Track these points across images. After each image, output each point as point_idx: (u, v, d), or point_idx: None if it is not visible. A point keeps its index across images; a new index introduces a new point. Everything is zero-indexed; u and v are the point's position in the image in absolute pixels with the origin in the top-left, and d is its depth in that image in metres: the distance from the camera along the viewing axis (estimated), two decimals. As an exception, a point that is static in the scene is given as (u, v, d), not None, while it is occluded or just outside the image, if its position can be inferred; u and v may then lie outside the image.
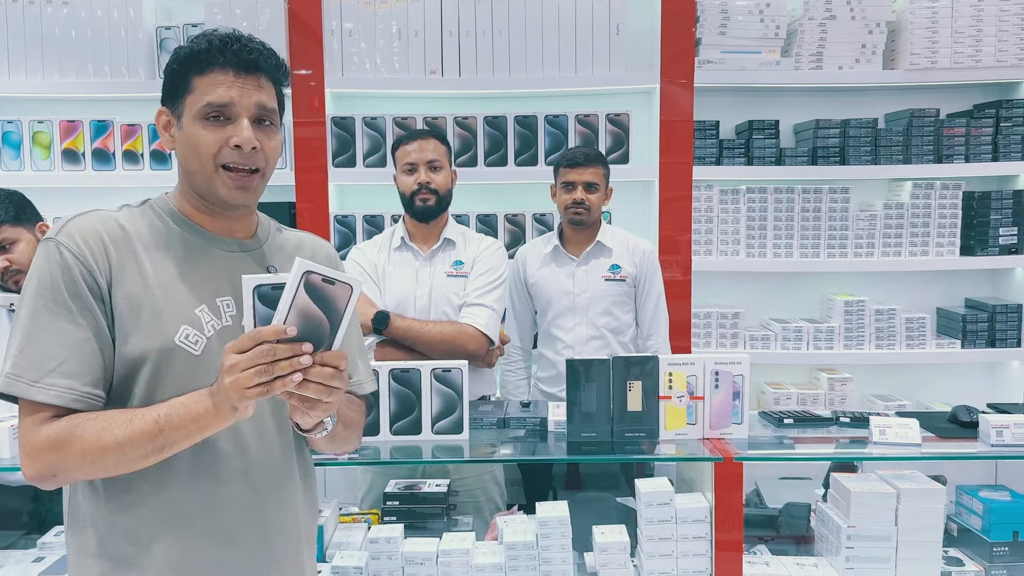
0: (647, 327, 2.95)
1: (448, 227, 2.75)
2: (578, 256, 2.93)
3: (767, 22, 3.35)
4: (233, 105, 1.33)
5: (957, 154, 3.41)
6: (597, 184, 2.86)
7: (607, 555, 2.08)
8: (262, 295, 1.19)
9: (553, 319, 2.94)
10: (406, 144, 2.68)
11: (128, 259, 1.32)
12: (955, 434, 2.26)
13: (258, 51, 1.36)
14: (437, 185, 2.64)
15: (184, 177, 1.40)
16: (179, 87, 1.36)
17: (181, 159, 1.39)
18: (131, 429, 1.23)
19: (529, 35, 3.32)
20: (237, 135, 1.33)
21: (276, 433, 1.42)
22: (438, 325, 2.57)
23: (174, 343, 1.31)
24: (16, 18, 3.36)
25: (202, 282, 1.36)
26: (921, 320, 3.46)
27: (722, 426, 2.17)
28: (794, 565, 2.14)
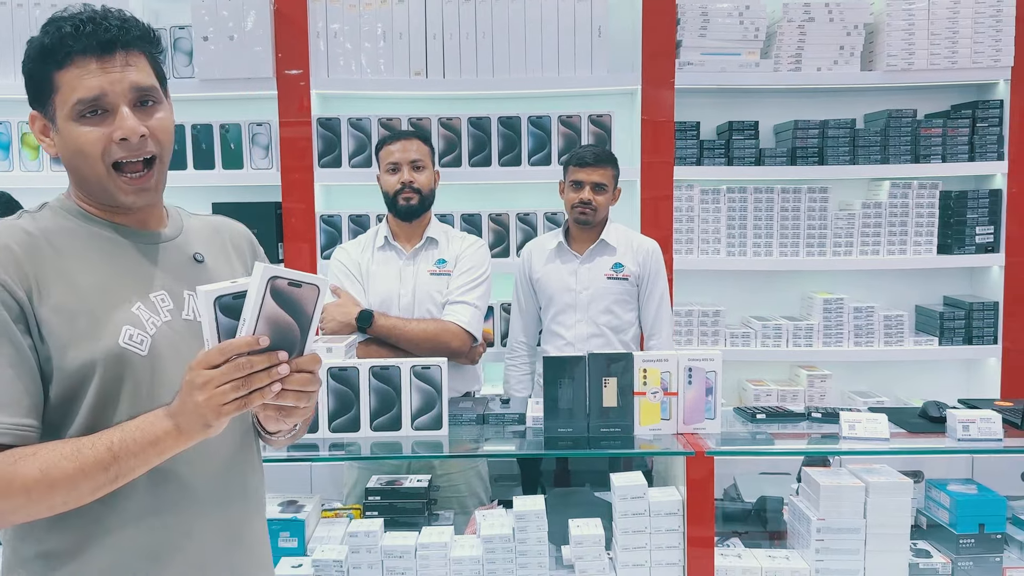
0: (650, 326, 2.97)
1: (431, 226, 2.79)
2: (582, 253, 2.96)
3: (747, 24, 3.40)
4: (106, 95, 1.20)
5: (934, 154, 3.46)
6: (605, 185, 2.89)
7: (583, 548, 2.13)
8: (223, 306, 1.13)
9: (555, 315, 2.98)
10: (390, 144, 2.72)
11: (47, 268, 1.20)
12: (925, 429, 2.31)
13: (116, 26, 1.21)
14: (420, 185, 2.69)
15: (77, 183, 1.28)
16: (42, 87, 1.23)
17: (68, 164, 1.26)
18: (80, 460, 1.13)
19: (512, 37, 3.37)
20: (120, 127, 1.21)
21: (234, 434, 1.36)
22: (421, 323, 2.61)
23: (119, 346, 1.22)
24: (4, 19, 3.39)
25: (131, 279, 1.27)
26: (899, 318, 3.51)
27: (695, 421, 2.22)
28: (765, 557, 2.19)
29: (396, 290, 2.70)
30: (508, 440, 2.28)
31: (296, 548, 2.16)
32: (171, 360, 1.26)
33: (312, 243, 3.41)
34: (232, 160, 3.43)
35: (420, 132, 2.81)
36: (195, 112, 3.44)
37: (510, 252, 3.46)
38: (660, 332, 2.96)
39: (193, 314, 1.31)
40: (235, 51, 3.32)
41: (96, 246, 1.27)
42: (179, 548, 1.29)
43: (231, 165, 3.43)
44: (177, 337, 1.28)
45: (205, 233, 1.43)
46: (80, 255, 1.25)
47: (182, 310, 1.30)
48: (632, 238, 3.00)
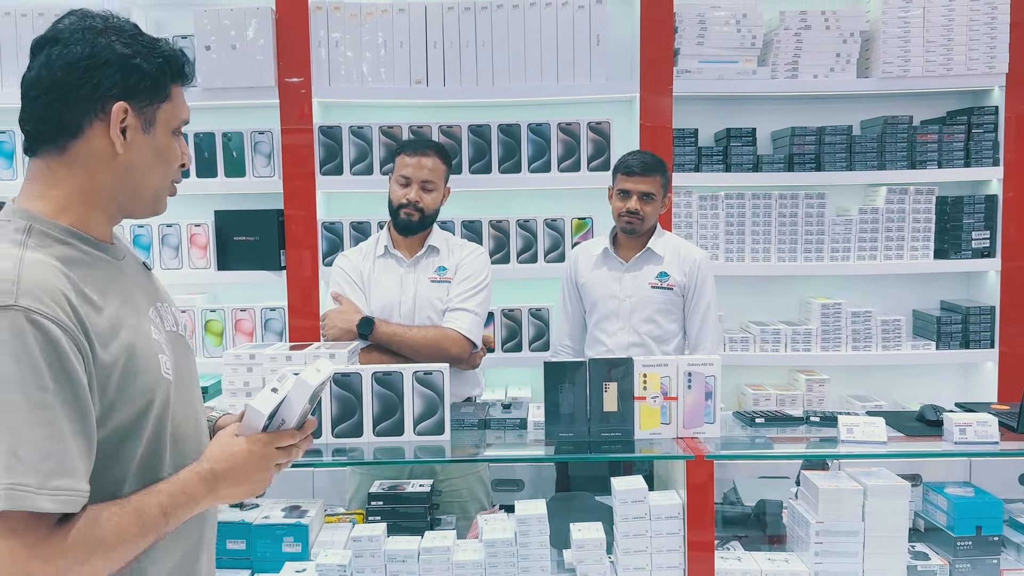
0: (694, 338, 2.92)
1: (432, 234, 2.81)
2: (627, 261, 2.94)
3: (744, 32, 3.43)
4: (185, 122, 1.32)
5: (930, 160, 3.49)
6: (653, 194, 2.86)
7: (584, 552, 2.15)
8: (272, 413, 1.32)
9: (598, 322, 2.97)
10: (407, 155, 2.72)
11: (86, 307, 1.12)
12: (922, 432, 2.33)
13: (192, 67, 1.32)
14: (425, 205, 2.70)
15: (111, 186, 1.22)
16: (157, 90, 1.23)
17: (137, 165, 1.22)
18: (143, 525, 1.15)
19: (512, 46, 3.40)
20: (185, 152, 1.32)
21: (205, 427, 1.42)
22: (422, 330, 2.64)
23: (162, 375, 1.22)
24: (8, 29, 3.42)
25: (133, 302, 1.24)
26: (897, 322, 3.54)
27: (695, 425, 2.24)
28: (765, 560, 2.20)
29: (397, 297, 2.72)
30: (509, 445, 2.30)
31: (300, 553, 2.18)
32: (182, 375, 1.30)
33: (314, 250, 3.43)
34: (234, 168, 3.46)
35: (440, 148, 2.76)
36: (197, 121, 3.42)
37: (510, 259, 3.49)
38: (703, 344, 2.89)
39: (172, 325, 1.34)
40: (237, 60, 3.35)
41: (100, 272, 1.20)
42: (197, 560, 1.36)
43: (233, 173, 3.46)
44: (174, 352, 1.29)
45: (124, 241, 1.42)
46: (97, 285, 1.17)
47: (165, 323, 1.31)
48: (681, 247, 2.96)
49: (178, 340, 1.33)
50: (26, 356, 1.03)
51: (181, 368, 1.29)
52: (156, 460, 1.23)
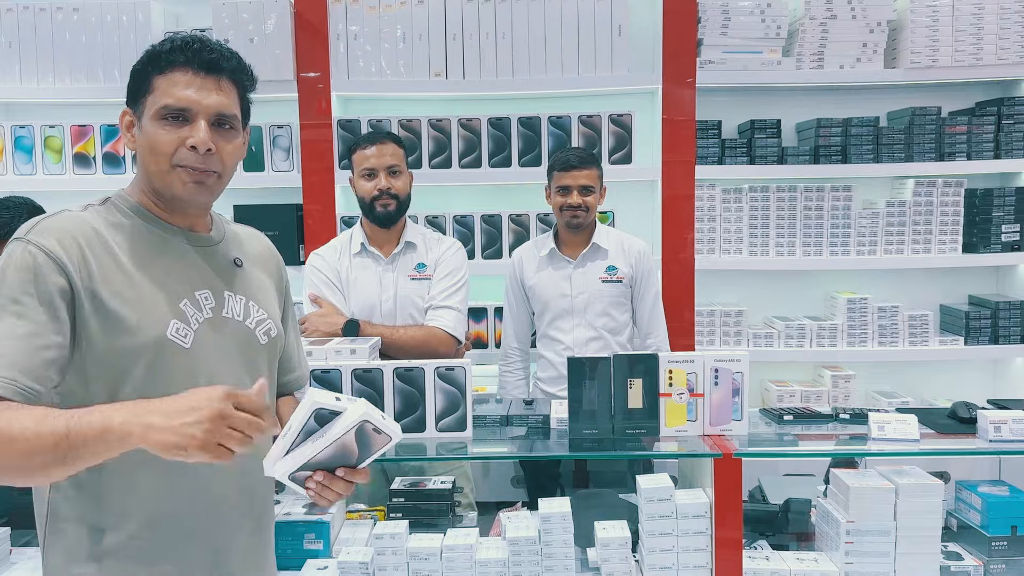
0: (645, 326, 2.97)
1: (407, 229, 2.76)
2: (575, 259, 2.95)
3: (768, 22, 3.37)
4: (191, 108, 1.34)
5: (959, 152, 3.43)
6: (592, 187, 2.86)
7: (609, 550, 2.11)
8: (318, 415, 1.25)
9: (551, 321, 2.97)
10: (364, 148, 2.68)
11: (106, 258, 1.32)
12: (954, 430, 2.28)
13: (219, 52, 1.36)
14: (397, 191, 2.66)
15: (143, 177, 1.40)
16: (141, 87, 1.37)
17: (141, 159, 1.39)
18: (39, 427, 1.12)
19: (532, 37, 3.36)
20: (193, 136, 1.33)
21: None
22: (408, 330, 2.60)
23: (166, 338, 1.32)
24: (28, 25, 3.42)
25: (180, 277, 1.38)
26: (924, 317, 3.47)
27: (722, 423, 2.20)
28: (794, 560, 2.16)
29: (378, 297, 2.68)
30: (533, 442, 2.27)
31: (321, 550, 2.16)
32: (210, 355, 1.38)
33: (333, 245, 3.40)
34: (253, 162, 3.44)
35: (393, 135, 2.75)
36: (216, 115, 3.44)
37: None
38: (656, 331, 2.96)
39: (231, 313, 1.44)
40: (255, 54, 3.33)
41: (150, 243, 1.38)
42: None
43: (252, 167, 3.44)
44: (217, 334, 1.40)
45: (242, 240, 1.56)
46: (136, 251, 1.36)
47: (222, 309, 1.43)
48: (623, 239, 2.99)
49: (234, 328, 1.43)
50: (12, 274, 1.25)
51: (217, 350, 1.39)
52: None
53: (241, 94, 1.42)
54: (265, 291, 1.54)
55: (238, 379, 1.39)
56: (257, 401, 1.15)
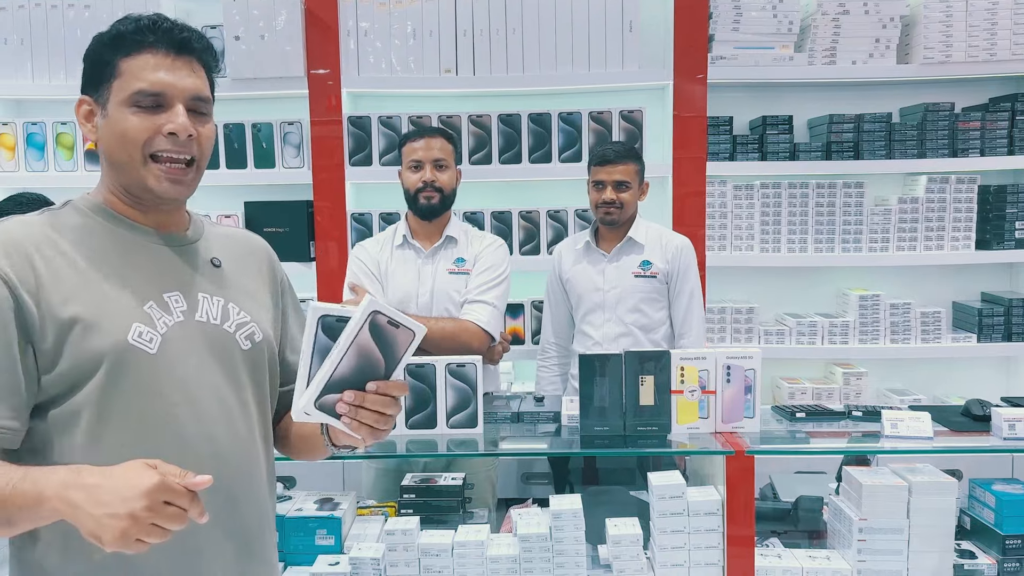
0: (679, 325, 2.89)
1: (450, 224, 2.77)
2: (609, 252, 2.91)
3: (780, 17, 3.36)
4: (166, 92, 1.24)
5: (972, 148, 3.40)
6: (628, 182, 2.82)
7: (620, 547, 2.11)
8: (325, 325, 1.17)
9: (584, 316, 2.94)
10: (413, 141, 2.70)
11: (59, 263, 1.23)
12: (968, 428, 2.26)
13: (189, 31, 1.28)
14: (442, 184, 2.67)
15: (109, 171, 1.31)
16: (103, 72, 1.26)
17: (106, 151, 1.28)
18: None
19: (543, 33, 3.35)
20: (172, 121, 1.24)
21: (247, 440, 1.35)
22: (440, 322, 2.59)
23: (127, 342, 1.22)
24: (39, 22, 3.42)
25: (146, 278, 1.28)
26: (936, 314, 3.45)
27: (734, 420, 2.19)
28: (806, 557, 2.15)
29: (415, 289, 2.68)
30: (543, 438, 2.27)
31: (333, 546, 2.16)
32: (180, 361, 1.27)
33: (343, 241, 3.41)
34: (264, 159, 3.44)
35: (444, 131, 2.77)
36: (227, 111, 3.44)
37: (540, 250, 3.44)
38: (690, 331, 2.87)
39: (206, 316, 1.32)
40: (266, 50, 3.33)
41: (113, 244, 1.29)
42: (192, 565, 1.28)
43: (263, 164, 3.44)
44: (188, 338, 1.29)
45: (225, 242, 1.43)
46: (95, 252, 1.27)
47: (195, 312, 1.31)
48: (662, 235, 2.94)
49: (209, 332, 1.31)
50: None
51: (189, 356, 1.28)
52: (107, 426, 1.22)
53: (209, 77, 1.32)
54: (250, 293, 1.41)
55: (215, 386, 1.30)
56: (188, 495, 1.06)
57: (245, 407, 1.35)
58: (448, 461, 2.57)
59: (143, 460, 1.09)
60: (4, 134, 3.47)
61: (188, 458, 1.21)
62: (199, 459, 1.24)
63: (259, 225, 3.43)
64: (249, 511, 1.35)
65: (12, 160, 3.48)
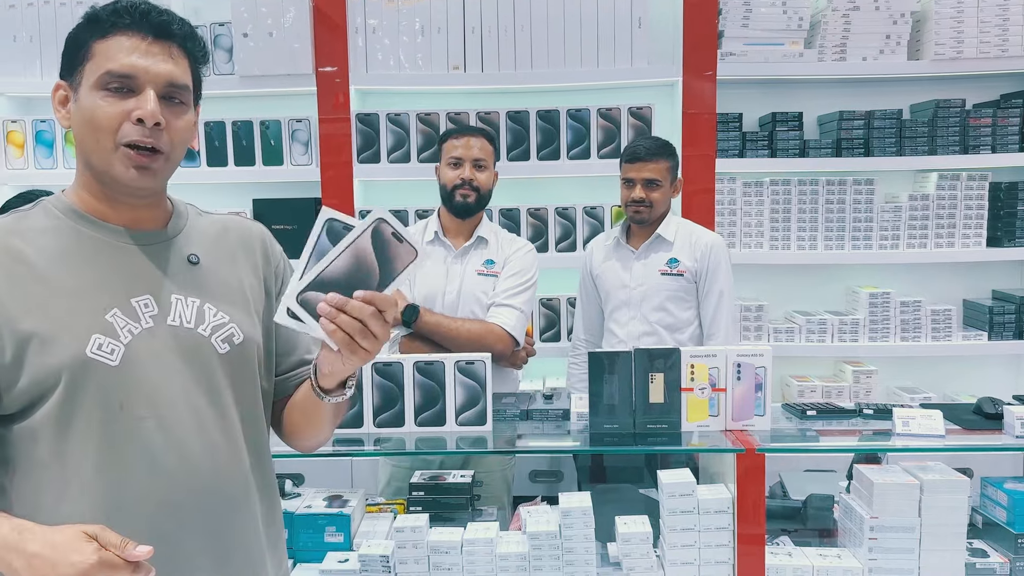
0: (708, 325, 2.82)
1: (482, 225, 2.76)
2: (637, 249, 2.88)
3: (790, 14, 3.34)
4: (137, 75, 1.18)
5: (984, 144, 3.39)
6: (658, 180, 2.77)
7: (630, 545, 2.10)
8: (330, 229, 1.14)
9: (611, 312, 2.92)
10: (455, 139, 2.69)
11: (19, 272, 1.17)
12: (980, 426, 2.25)
13: (169, 15, 1.22)
14: (480, 183, 2.66)
15: (81, 162, 1.24)
16: (77, 55, 1.20)
17: (76, 137, 1.22)
18: None
19: (551, 30, 3.34)
20: (140, 108, 1.17)
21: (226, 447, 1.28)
22: (466, 323, 2.59)
23: (86, 356, 1.16)
24: (48, 19, 3.43)
25: (111, 282, 1.21)
26: (947, 312, 3.44)
27: (744, 418, 2.18)
28: (817, 556, 2.14)
29: (442, 287, 2.68)
30: (552, 436, 2.26)
31: (342, 543, 2.17)
32: (148, 369, 1.21)
33: (351, 239, 3.40)
34: (272, 156, 3.44)
35: (487, 132, 2.75)
36: (235, 109, 3.45)
37: (548, 247, 3.44)
38: (718, 331, 2.79)
39: (179, 320, 1.25)
40: (274, 47, 3.33)
41: (79, 247, 1.22)
42: None
43: (271, 161, 3.44)
44: (158, 345, 1.22)
45: (210, 233, 1.35)
46: (60, 257, 1.20)
47: (167, 316, 1.24)
48: (693, 232, 2.87)
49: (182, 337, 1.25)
50: None
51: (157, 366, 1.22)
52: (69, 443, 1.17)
53: (192, 66, 1.26)
54: (232, 291, 1.32)
55: (190, 397, 1.24)
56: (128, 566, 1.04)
57: (225, 416, 1.28)
58: (463, 459, 2.56)
59: (82, 529, 1.05)
60: (13, 131, 3.48)
61: (157, 471, 1.20)
62: (169, 472, 1.21)
63: (267, 222, 3.33)
64: (229, 519, 1.28)
65: (21, 157, 3.49)
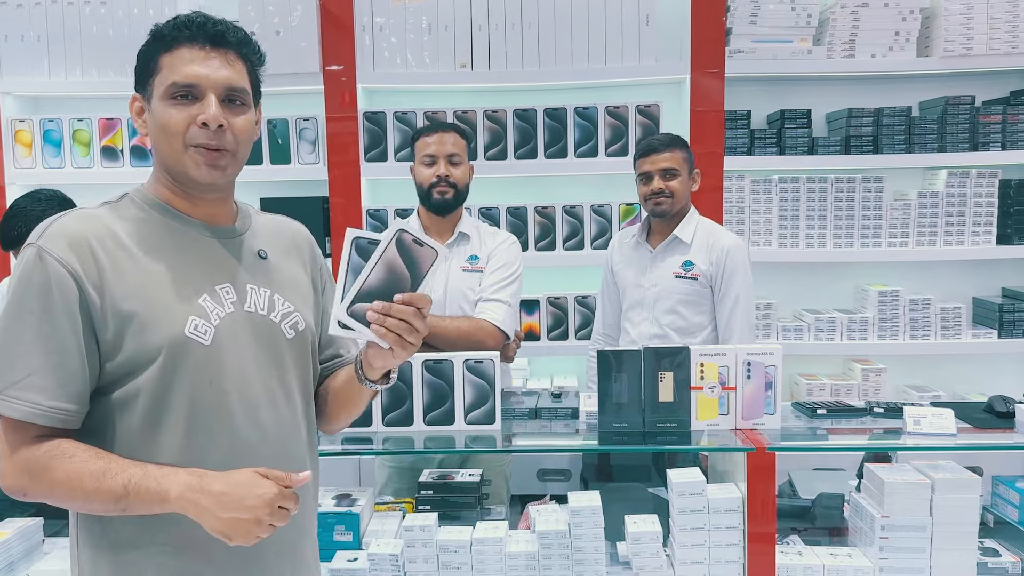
0: (722, 330, 2.75)
1: (462, 221, 2.74)
2: (655, 248, 2.84)
3: (798, 10, 3.33)
4: (199, 84, 1.30)
5: (993, 141, 3.37)
6: (676, 169, 2.72)
7: (640, 545, 2.09)
8: (359, 247, 1.31)
9: (626, 311, 2.90)
10: (427, 136, 2.67)
11: (120, 257, 1.29)
12: (991, 424, 2.24)
13: (223, 25, 1.34)
14: (456, 179, 2.64)
15: (158, 165, 1.38)
16: (147, 69, 1.34)
17: (153, 142, 1.35)
18: (100, 484, 1.22)
19: (558, 27, 3.33)
20: (203, 112, 1.30)
21: (290, 421, 1.43)
22: (455, 320, 2.58)
23: (185, 335, 1.29)
24: (55, 18, 3.43)
25: (199, 271, 1.35)
26: (956, 310, 3.42)
27: (754, 417, 2.17)
28: (827, 555, 2.13)
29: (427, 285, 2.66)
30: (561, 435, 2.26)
31: (351, 542, 2.16)
32: (232, 351, 1.34)
33: (358, 237, 3.40)
34: (280, 155, 3.44)
35: (457, 126, 2.74)
36: (242, 107, 3.45)
37: (556, 245, 3.43)
38: (732, 337, 2.71)
39: (254, 307, 1.39)
40: (281, 46, 3.33)
41: (168, 237, 1.35)
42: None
43: (279, 160, 3.44)
44: (238, 328, 1.36)
45: (270, 231, 1.50)
46: (153, 246, 1.33)
47: (244, 303, 1.38)
48: (711, 234, 2.80)
49: (257, 322, 1.39)
50: (27, 285, 1.24)
51: (239, 347, 1.35)
52: (163, 412, 1.29)
53: (250, 69, 1.38)
54: (294, 283, 1.48)
55: (264, 375, 1.37)
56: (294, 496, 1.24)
57: (289, 393, 1.43)
58: (463, 457, 2.56)
59: (254, 470, 1.25)
60: (21, 131, 3.49)
61: (237, 440, 1.34)
62: (248, 444, 1.34)
63: (275, 221, 3.43)
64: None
65: (29, 157, 3.49)
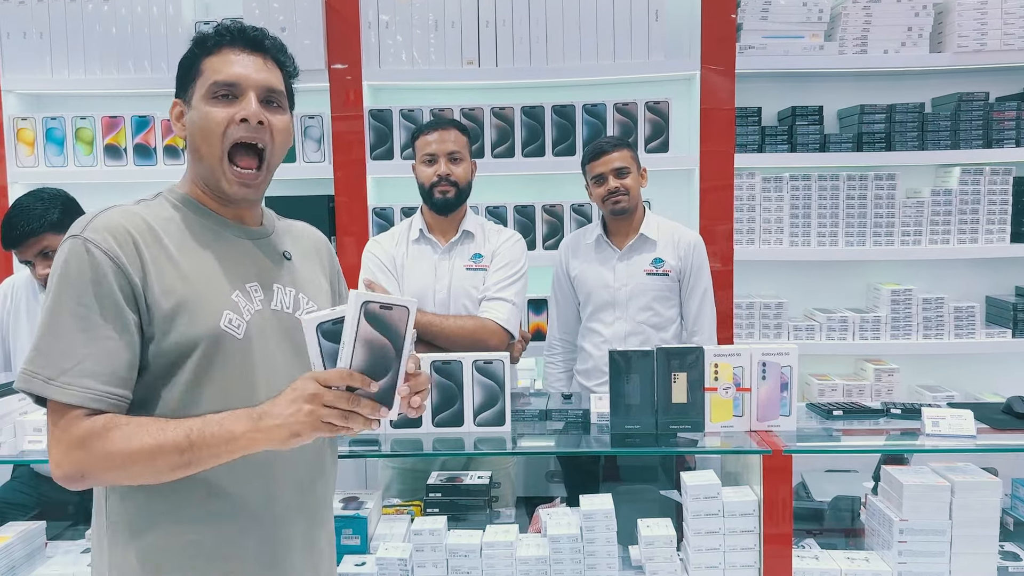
0: (691, 323, 2.85)
1: (466, 219, 2.70)
2: (621, 248, 2.86)
3: (810, 6, 3.29)
4: (240, 83, 1.37)
5: (1007, 138, 3.32)
6: (627, 168, 2.76)
7: (653, 548, 2.05)
8: (325, 332, 1.25)
9: (593, 313, 2.89)
10: (427, 134, 2.63)
11: (158, 253, 1.34)
12: (1010, 425, 2.19)
13: (261, 32, 1.41)
14: (457, 177, 2.61)
15: (193, 165, 1.42)
16: (189, 72, 1.40)
17: (190, 143, 1.40)
18: (161, 438, 1.24)
19: (566, 23, 3.29)
20: (244, 108, 1.36)
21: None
22: (459, 320, 2.54)
23: (220, 328, 1.34)
24: (58, 16, 3.40)
25: (230, 269, 1.40)
26: (970, 309, 3.38)
27: (770, 418, 2.13)
28: (844, 559, 2.09)
29: (431, 285, 2.63)
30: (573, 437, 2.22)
31: (359, 546, 2.13)
32: (260, 345, 1.39)
33: (363, 236, 3.36)
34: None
35: (457, 122, 2.70)
36: (247, 105, 3.41)
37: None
38: (702, 329, 2.82)
39: (280, 305, 1.44)
40: (286, 43, 3.25)
41: (201, 236, 1.40)
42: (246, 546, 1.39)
43: (284, 159, 3.39)
44: (266, 325, 1.41)
45: (292, 235, 1.57)
46: (187, 243, 1.38)
47: (271, 301, 1.43)
48: (674, 231, 2.87)
49: (283, 320, 1.43)
50: (75, 276, 1.27)
51: (268, 342, 1.40)
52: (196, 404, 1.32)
53: (285, 77, 1.46)
54: (315, 285, 1.54)
55: (290, 370, 1.39)
56: (336, 376, 1.21)
57: None
58: (468, 458, 2.52)
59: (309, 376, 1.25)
60: (23, 129, 3.46)
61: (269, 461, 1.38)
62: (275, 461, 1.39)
63: (280, 220, 3.40)
64: (313, 481, 1.48)
65: (31, 155, 3.46)
